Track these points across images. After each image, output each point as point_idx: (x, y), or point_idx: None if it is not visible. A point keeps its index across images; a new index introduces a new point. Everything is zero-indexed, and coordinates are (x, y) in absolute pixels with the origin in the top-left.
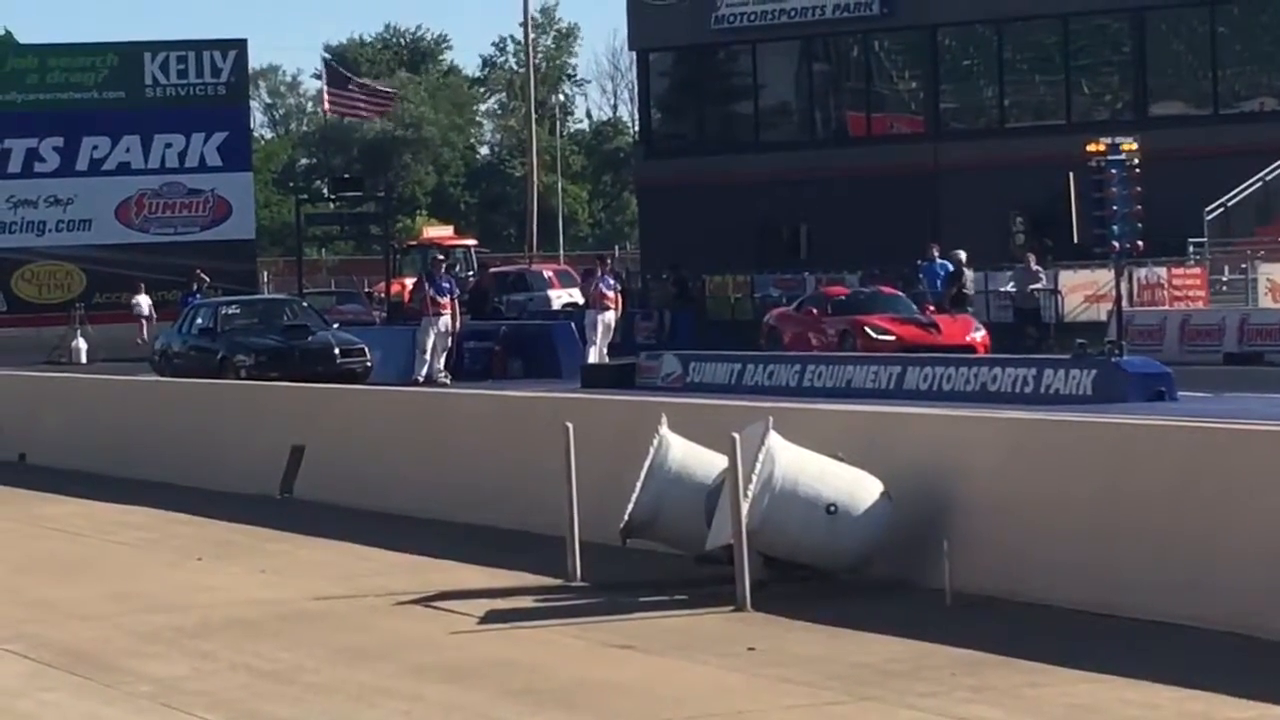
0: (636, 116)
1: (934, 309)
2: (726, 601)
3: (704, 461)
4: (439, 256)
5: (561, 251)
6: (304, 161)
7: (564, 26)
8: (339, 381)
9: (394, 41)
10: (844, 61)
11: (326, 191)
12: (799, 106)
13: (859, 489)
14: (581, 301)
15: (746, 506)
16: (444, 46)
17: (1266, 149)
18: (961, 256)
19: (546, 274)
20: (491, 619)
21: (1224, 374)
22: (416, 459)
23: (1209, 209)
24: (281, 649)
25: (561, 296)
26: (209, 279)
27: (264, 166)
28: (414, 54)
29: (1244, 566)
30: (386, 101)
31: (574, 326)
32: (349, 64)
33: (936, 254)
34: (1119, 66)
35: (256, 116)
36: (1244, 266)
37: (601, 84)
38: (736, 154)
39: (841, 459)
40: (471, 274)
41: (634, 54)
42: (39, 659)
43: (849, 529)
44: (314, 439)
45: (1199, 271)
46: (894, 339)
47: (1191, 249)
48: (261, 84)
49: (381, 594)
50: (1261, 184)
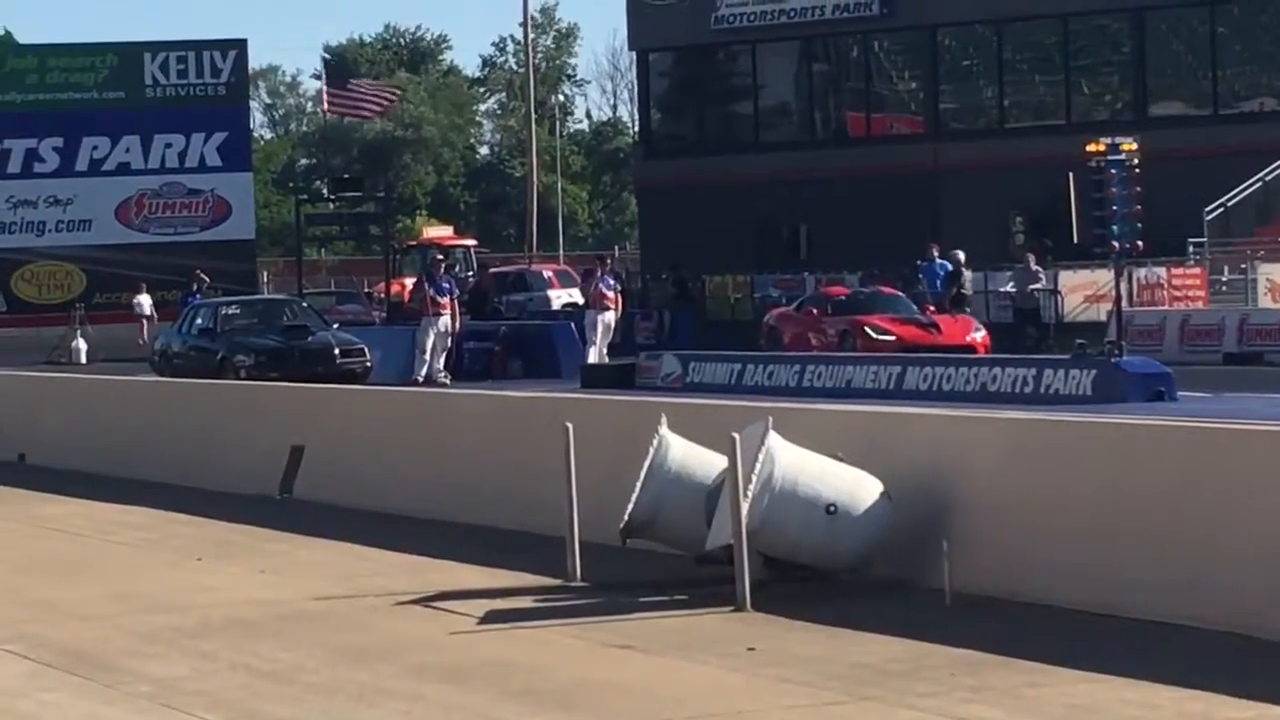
0: (636, 117)
1: (934, 309)
2: (726, 602)
3: (704, 462)
4: (439, 257)
5: (561, 252)
6: (304, 162)
7: (564, 26)
8: (339, 382)
9: (394, 42)
10: (844, 62)
11: (326, 192)
12: (799, 107)
13: (859, 489)
14: (581, 302)
15: (746, 507)
16: (444, 47)
17: (1266, 149)
18: (960, 257)
19: (546, 274)
20: (491, 619)
21: (1224, 374)
22: (416, 459)
23: (1209, 209)
24: (281, 649)
25: (561, 296)
26: (209, 279)
27: (264, 167)
28: (414, 54)
29: (1244, 566)
30: (389, 99)
31: (574, 327)
32: (349, 64)
33: (936, 254)
34: (1119, 66)
35: (256, 117)
36: (1244, 267)
37: (601, 84)
38: (736, 154)
39: (841, 459)
40: (471, 274)
41: (634, 54)
42: (39, 659)
43: (849, 529)
44: (314, 439)
45: (1199, 272)
46: (894, 339)
47: (1191, 249)
48: (261, 84)
49: (381, 594)
50: (1261, 184)
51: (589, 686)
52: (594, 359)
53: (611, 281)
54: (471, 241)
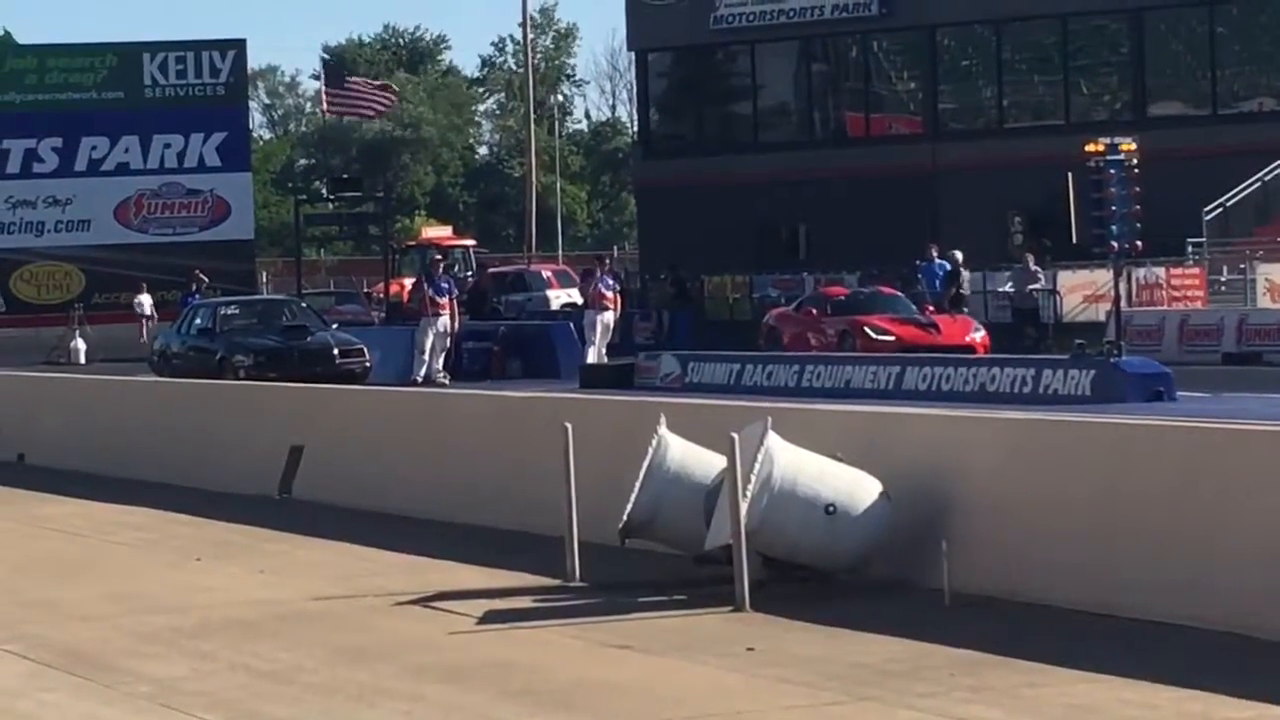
0: (635, 117)
1: (933, 309)
2: (725, 602)
3: (703, 462)
4: (438, 257)
5: (560, 252)
6: (303, 162)
7: (563, 27)
8: (338, 382)
9: (393, 42)
10: (843, 62)
11: (325, 192)
12: (798, 107)
13: (858, 489)
14: (580, 302)
15: (745, 507)
16: (443, 47)
17: (1265, 149)
18: (958, 257)
19: (545, 274)
20: (490, 619)
21: (1222, 374)
22: (415, 459)
23: (1208, 209)
24: (280, 649)
25: (560, 297)
26: (207, 279)
27: (263, 167)
28: (413, 54)
29: (1242, 566)
30: (388, 100)
31: (573, 327)
32: (348, 65)
33: (935, 254)
34: (1118, 67)
35: (255, 117)
36: (1242, 267)
37: (600, 84)
38: (735, 154)
39: (840, 459)
40: (470, 274)
41: (633, 54)
42: (38, 659)
43: (848, 529)
44: (313, 439)
45: (1197, 272)
46: (893, 339)
47: (1190, 249)
48: (260, 84)
49: (380, 594)
50: (1260, 184)
51: (588, 686)
52: (593, 359)
53: (610, 282)
54: (470, 242)
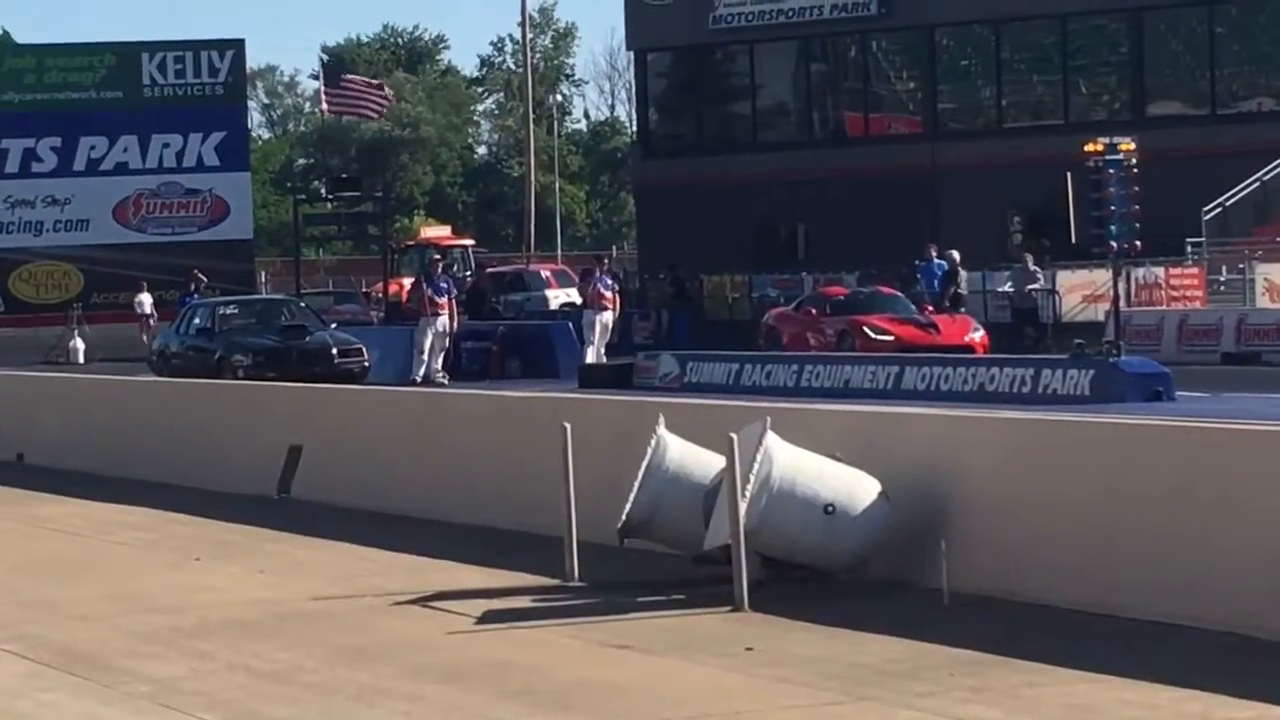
0: (634, 116)
1: (932, 309)
2: (724, 602)
3: (702, 461)
4: (436, 256)
5: (559, 251)
6: (301, 161)
7: (562, 26)
8: (336, 382)
9: (391, 42)
10: (842, 62)
11: (324, 191)
12: (797, 107)
13: (857, 489)
14: (579, 301)
15: (744, 506)
16: (441, 46)
17: (1264, 149)
18: (956, 256)
19: (544, 274)
20: (489, 619)
21: (1222, 374)
22: (414, 459)
23: (1207, 209)
24: (280, 649)
25: (559, 296)
26: (206, 279)
27: (261, 166)
28: (411, 54)
29: (1242, 566)
30: (384, 99)
31: (571, 326)
32: (346, 64)
33: (934, 254)
34: (1117, 66)
35: (254, 116)
36: (1241, 266)
37: (599, 84)
38: (734, 154)
39: (839, 459)
40: (469, 274)
41: (632, 54)
42: (37, 659)
43: (847, 529)
44: (311, 439)
45: (1196, 271)
46: (893, 339)
47: (1189, 249)
48: (259, 84)
49: (379, 594)
50: (1259, 184)
51: (587, 686)
52: (592, 359)
53: (609, 281)
54: (469, 241)
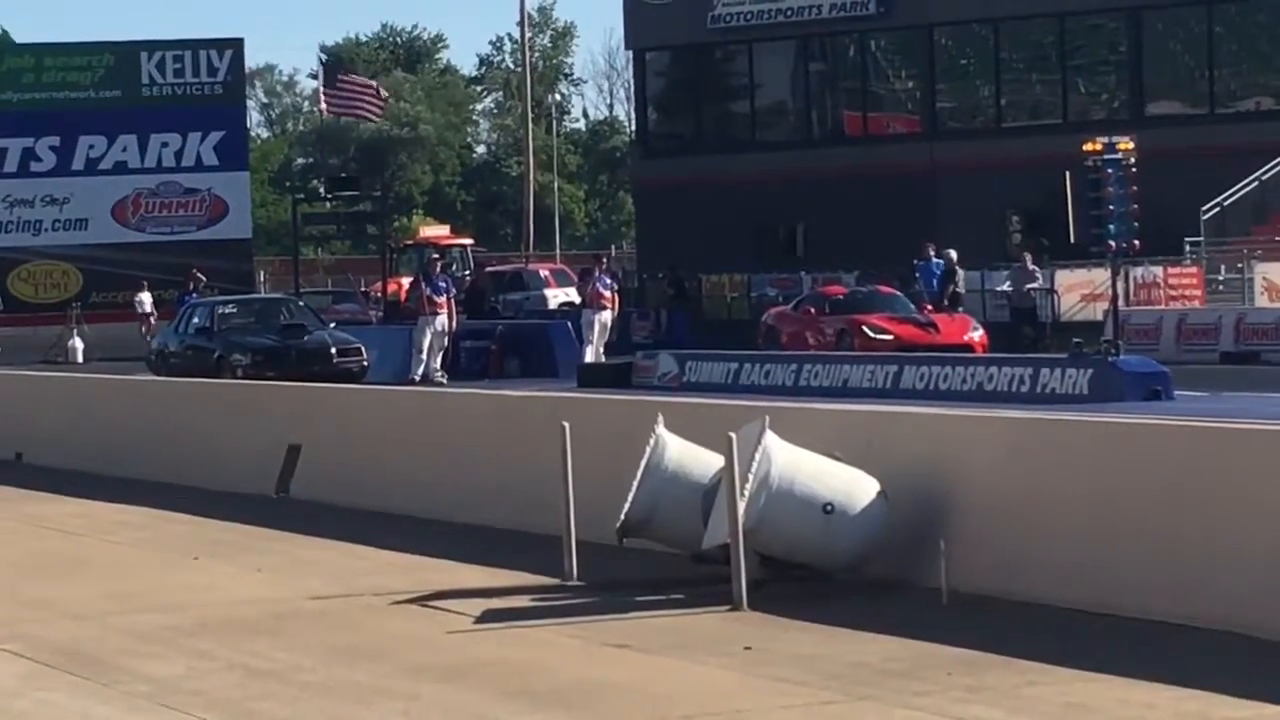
0: (633, 116)
1: (931, 308)
2: (723, 601)
3: (700, 461)
4: (435, 256)
5: (558, 251)
6: (300, 161)
7: (561, 25)
8: (335, 381)
9: (390, 41)
10: (840, 61)
11: (323, 191)
12: (795, 106)
13: (856, 488)
14: (578, 301)
15: (743, 506)
16: (440, 46)
17: (1263, 148)
18: (953, 256)
19: (543, 273)
20: (488, 619)
21: (1220, 373)
22: (413, 458)
23: (1205, 208)
24: (278, 648)
25: (558, 296)
26: (205, 278)
27: (260, 166)
28: (410, 53)
29: (1241, 566)
30: (379, 99)
31: (570, 326)
32: (345, 64)
33: (932, 253)
34: (1115, 66)
35: (253, 116)
36: (1240, 266)
37: (598, 83)
38: (733, 153)
39: (838, 458)
40: (468, 273)
41: (630, 53)
42: (35, 658)
43: (846, 528)
44: (310, 438)
45: (1195, 271)
46: (892, 338)
47: (1188, 248)
48: (258, 83)
49: (378, 593)
50: (1258, 183)
51: (586, 686)
52: (591, 358)
53: (608, 281)
54: (468, 241)
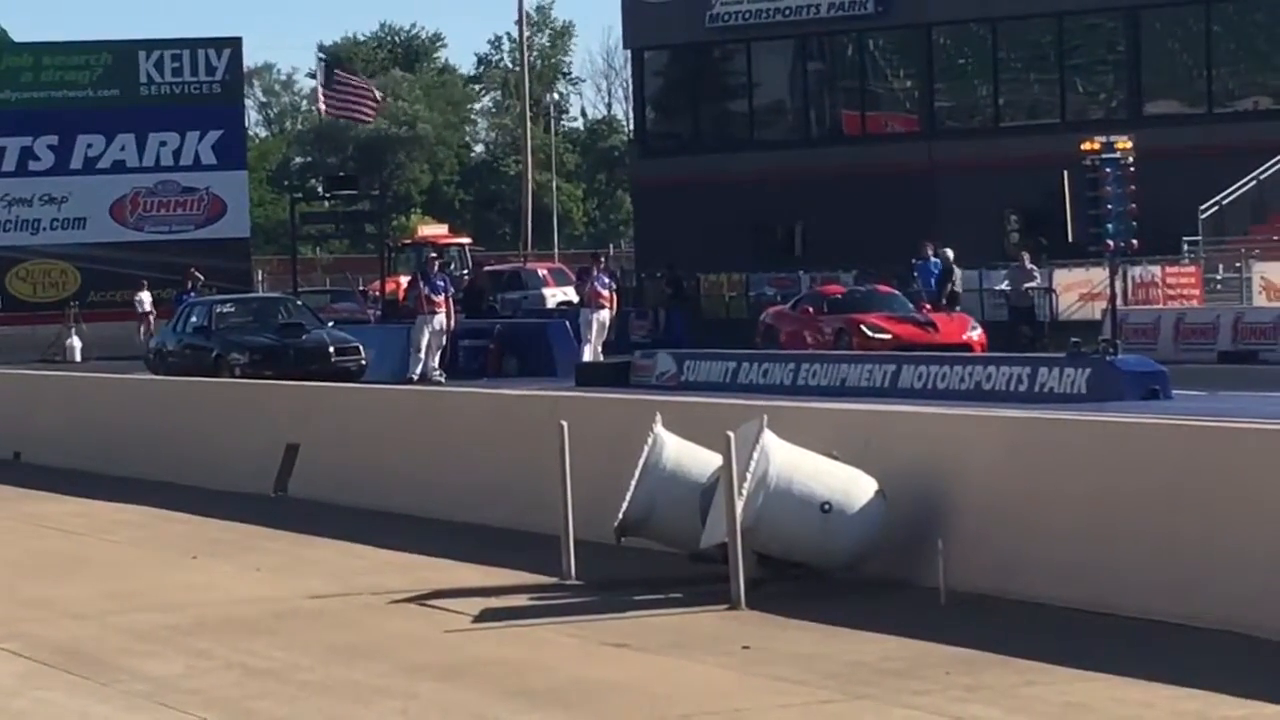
0: (631, 115)
1: (930, 307)
2: (721, 600)
3: (699, 460)
4: (433, 255)
5: (556, 250)
6: (298, 160)
7: (559, 25)
8: (333, 380)
9: (388, 40)
10: (839, 60)
11: (321, 190)
12: (794, 105)
13: (854, 487)
14: (576, 300)
15: (741, 505)
16: (439, 45)
17: (1261, 148)
18: (949, 255)
19: (541, 272)
20: (486, 618)
21: (1218, 372)
22: (411, 457)
23: (1203, 207)
24: (276, 647)
25: (556, 295)
26: (203, 277)
27: (259, 165)
28: (408, 52)
29: (1239, 565)
30: (374, 100)
31: (568, 325)
32: (343, 63)
33: (930, 252)
34: (1113, 65)
35: (251, 115)
36: (1238, 265)
37: (596, 82)
38: (731, 153)
39: (836, 457)
40: (466, 272)
41: (629, 52)
42: (34, 657)
43: (844, 527)
44: (308, 437)
45: (1193, 270)
46: (891, 337)
47: (1186, 248)
48: (256, 82)
49: (376, 592)
50: (1256, 183)
51: (584, 685)
52: (589, 357)
53: (606, 280)
54: (466, 240)
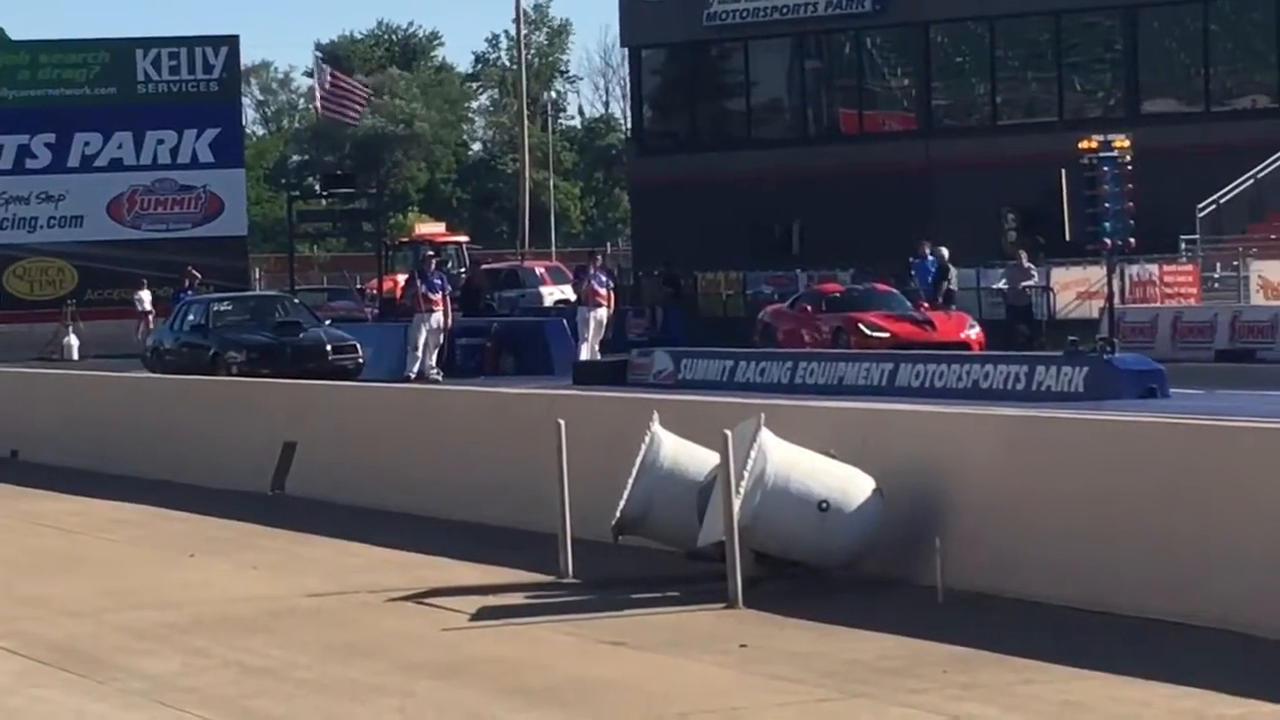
0: (628, 113)
1: (928, 306)
2: (718, 598)
3: (696, 458)
4: (431, 253)
5: (553, 248)
6: (296, 158)
7: (556, 23)
8: (330, 378)
9: (386, 38)
10: (836, 58)
11: (318, 188)
12: (791, 103)
13: (851, 486)
14: (574, 298)
15: (738, 503)
16: (436, 43)
17: (1258, 146)
18: (944, 253)
19: (538, 270)
20: (483, 616)
21: (1216, 371)
22: (408, 456)
23: (1201, 206)
24: (273, 646)
25: (553, 293)
26: (200, 275)
27: (256, 163)
28: (406, 50)
29: (1237, 564)
30: (362, 99)
31: (566, 323)
32: (341, 61)
33: (927, 250)
34: (1111, 64)
35: (248, 113)
36: (1236, 264)
37: (594, 81)
38: (729, 151)
39: (834, 456)
40: (463, 270)
41: (626, 50)
42: (31, 655)
43: (841, 526)
44: (305, 436)
45: (1191, 268)
46: (889, 336)
47: (1183, 246)
48: (253, 80)
49: (373, 591)
50: (1253, 181)
51: (581, 683)
52: (586, 355)
53: (604, 278)
54: (464, 238)
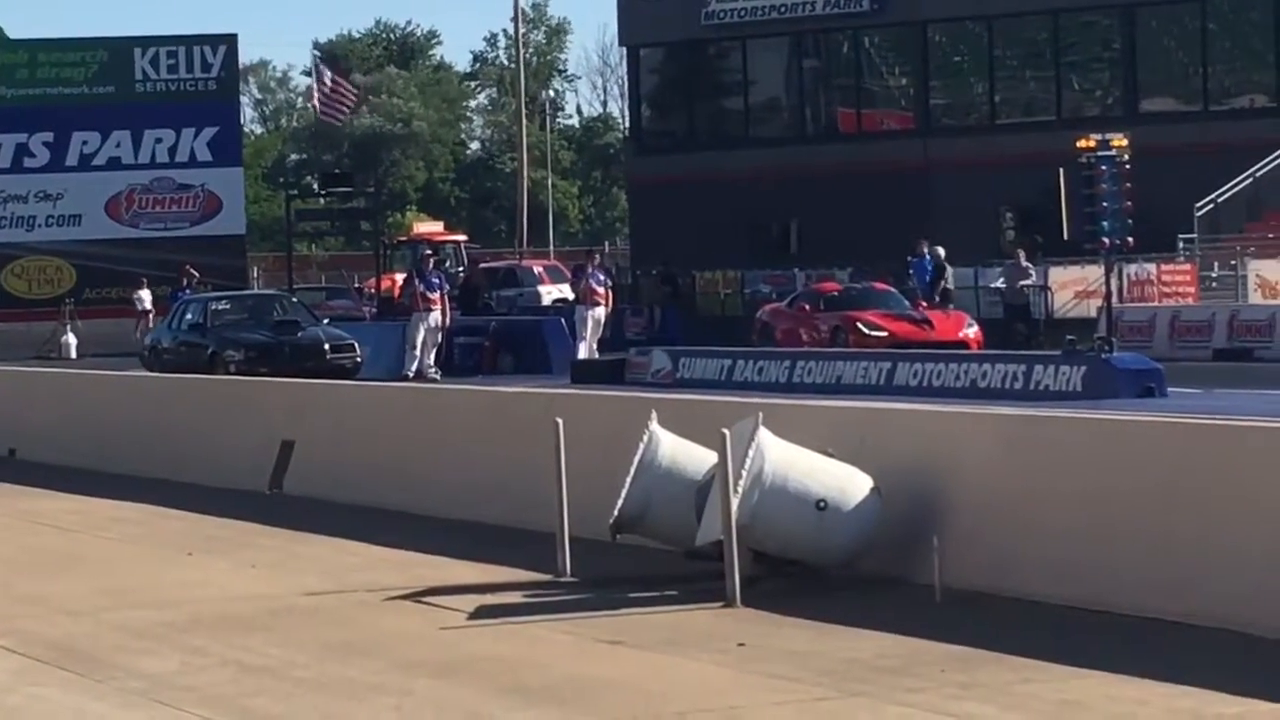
0: (627, 112)
1: (926, 305)
2: (716, 597)
3: (694, 457)
4: (429, 252)
5: (551, 247)
6: (294, 157)
7: (555, 22)
8: (329, 377)
9: (384, 37)
10: (834, 57)
11: (316, 187)
12: (789, 103)
13: (849, 485)
14: (572, 297)
15: (736, 502)
16: (434, 42)
17: (1256, 145)
18: (941, 252)
19: (536, 269)
20: (481, 614)
21: (1214, 370)
22: (406, 454)
23: (1199, 205)
24: (271, 644)
25: (551, 292)
26: (198, 274)
27: (254, 162)
28: (404, 49)
29: (1235, 563)
30: (350, 100)
31: (564, 322)
32: (339, 60)
33: (925, 249)
34: (1109, 63)
35: (246, 112)
36: (1234, 263)
37: (592, 80)
38: (727, 150)
39: (832, 455)
40: (461, 269)
41: (624, 49)
42: (29, 654)
43: (839, 525)
44: (304, 434)
45: (1189, 268)
46: (887, 335)
47: (1181, 245)
48: (251, 79)
49: (371, 589)
50: (1251, 180)
51: (579, 682)
52: (584, 354)
53: (602, 277)
54: (462, 237)
